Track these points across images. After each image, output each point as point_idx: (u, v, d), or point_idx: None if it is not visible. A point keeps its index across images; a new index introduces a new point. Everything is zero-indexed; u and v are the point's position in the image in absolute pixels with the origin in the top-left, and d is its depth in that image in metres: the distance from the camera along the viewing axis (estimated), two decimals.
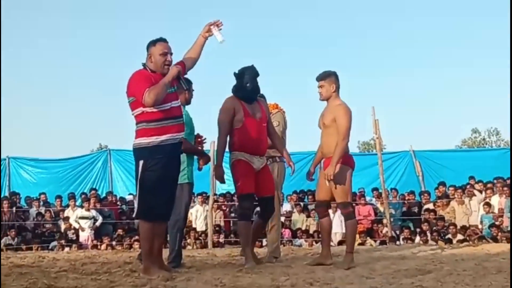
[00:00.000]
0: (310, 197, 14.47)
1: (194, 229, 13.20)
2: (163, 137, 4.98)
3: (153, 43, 5.15)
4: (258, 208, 6.73)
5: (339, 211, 12.98)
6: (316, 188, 6.31)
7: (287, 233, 12.94)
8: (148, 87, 4.86)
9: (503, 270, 4.92)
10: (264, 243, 10.13)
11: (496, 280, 4.40)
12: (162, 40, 5.14)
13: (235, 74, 5.94)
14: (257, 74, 6.00)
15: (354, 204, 13.52)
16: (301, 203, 14.18)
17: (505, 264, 5.47)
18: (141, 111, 5.00)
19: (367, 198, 14.34)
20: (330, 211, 12.92)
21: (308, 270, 5.30)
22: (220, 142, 5.89)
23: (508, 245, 8.24)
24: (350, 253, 5.77)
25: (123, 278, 4.95)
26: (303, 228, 13.36)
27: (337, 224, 13.04)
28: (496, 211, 12.55)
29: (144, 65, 5.17)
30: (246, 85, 5.87)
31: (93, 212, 13.49)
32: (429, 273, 4.88)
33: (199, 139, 6.21)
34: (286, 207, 14.13)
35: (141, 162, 5.01)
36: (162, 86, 4.90)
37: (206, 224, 12.83)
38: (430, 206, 13.48)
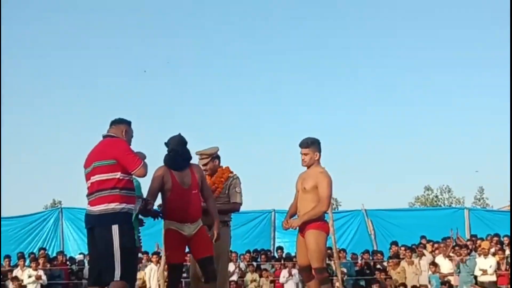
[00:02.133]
0: (263, 256, 14.52)
1: None
2: (130, 206, 5.24)
3: (129, 123, 5.56)
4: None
5: (293, 270, 13.10)
6: (296, 253, 6.63)
7: None
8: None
9: None
10: None
11: None
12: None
13: (165, 143, 6.06)
14: (183, 142, 6.05)
15: None
16: (254, 263, 14.16)
17: None
18: (116, 176, 5.17)
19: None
20: (286, 270, 13.14)
21: None
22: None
23: None
24: None
25: None
26: None
27: (291, 282, 13.12)
28: (445, 271, 12.76)
29: (113, 136, 5.42)
30: (170, 153, 5.98)
31: (41, 272, 13.25)
32: None
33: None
34: (241, 266, 14.11)
35: (115, 227, 5.09)
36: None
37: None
38: (382, 265, 13.63)
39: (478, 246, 13.32)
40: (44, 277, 13.26)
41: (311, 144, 6.19)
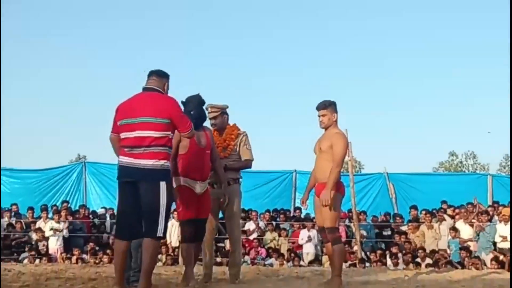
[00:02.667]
0: (282, 216, 14.57)
1: (166, 244, 13.18)
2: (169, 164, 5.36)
3: (169, 76, 5.58)
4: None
5: (312, 231, 13.14)
6: (315, 214, 6.74)
7: (263, 252, 13.00)
8: None
9: None
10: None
11: None
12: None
13: (182, 102, 6.04)
14: (202, 102, 6.19)
15: None
16: (273, 222, 14.23)
17: None
18: (168, 135, 5.26)
19: None
20: (305, 230, 13.19)
21: None
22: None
23: (472, 273, 8.38)
24: (338, 276, 6.09)
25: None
26: (274, 247, 13.39)
27: (309, 244, 13.16)
28: (465, 236, 12.72)
29: (159, 90, 5.45)
30: (190, 113, 5.97)
31: (63, 224, 13.45)
32: None
33: None
34: (260, 225, 14.18)
35: (163, 184, 5.21)
36: None
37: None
38: (402, 229, 13.61)
39: (499, 212, 13.20)
40: (65, 230, 13.48)
41: (328, 106, 6.23)
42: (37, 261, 12.16)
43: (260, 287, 5.99)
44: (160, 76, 5.50)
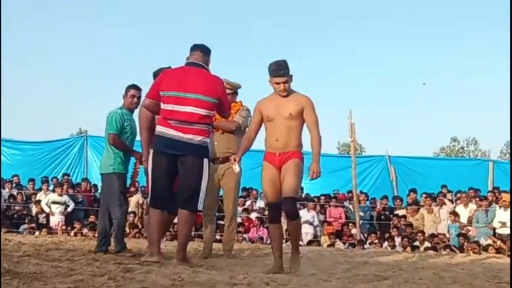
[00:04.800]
0: None
1: None
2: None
3: (210, 52, 5.70)
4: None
5: (312, 212, 13.16)
6: (263, 187, 5.52)
7: (264, 232, 13.01)
8: None
9: (458, 281, 5.01)
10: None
11: None
12: None
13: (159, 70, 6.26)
14: None
15: (327, 206, 13.69)
16: None
17: (462, 275, 5.57)
18: (213, 114, 5.66)
19: None
20: (304, 210, 13.19)
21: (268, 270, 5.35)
22: None
23: (471, 257, 8.40)
24: (299, 252, 5.64)
25: (84, 266, 4.97)
26: None
27: (308, 224, 13.19)
28: (464, 221, 12.75)
29: (206, 68, 5.62)
30: None
31: (65, 198, 13.48)
32: (386, 280, 4.95)
33: None
34: (260, 204, 14.21)
35: (206, 160, 5.49)
36: None
37: None
38: (400, 212, 13.64)
39: (500, 198, 13.21)
40: (71, 203, 13.52)
41: (287, 70, 5.41)
42: (37, 233, 12.19)
43: (260, 263, 5.99)
44: (204, 52, 5.61)
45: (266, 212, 13.65)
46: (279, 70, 5.38)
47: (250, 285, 4.28)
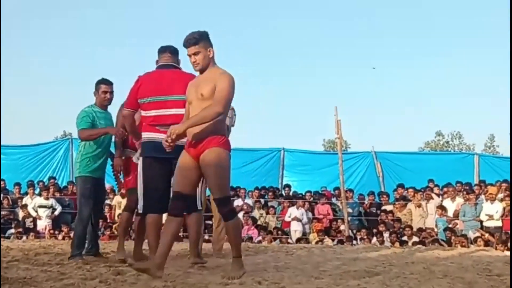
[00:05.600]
0: (270, 194, 14.62)
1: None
2: None
3: (178, 52, 5.64)
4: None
5: (301, 210, 13.17)
6: (175, 175, 4.89)
7: (255, 232, 13.00)
8: None
9: (449, 275, 5.03)
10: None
11: (440, 284, 4.50)
12: None
13: None
14: None
15: (314, 203, 13.72)
16: (261, 200, 14.28)
17: (452, 268, 5.59)
18: None
19: None
20: (293, 208, 13.21)
21: (259, 269, 5.35)
22: None
23: (459, 250, 8.44)
24: (239, 257, 4.86)
25: (74, 270, 4.96)
26: (262, 225, 13.45)
27: (297, 222, 13.21)
28: (450, 214, 12.83)
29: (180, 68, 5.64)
30: None
31: (52, 201, 13.40)
32: (377, 275, 4.96)
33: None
34: (247, 201, 14.23)
35: None
36: None
37: None
38: (388, 207, 13.69)
39: (486, 191, 13.31)
40: (58, 206, 13.45)
41: (200, 39, 4.75)
42: (24, 237, 12.11)
43: (250, 262, 5.97)
44: (173, 53, 5.60)
45: (256, 211, 13.77)
46: (189, 39, 4.73)
47: (242, 284, 4.29)
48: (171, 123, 5.13)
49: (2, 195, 14.22)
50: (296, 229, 13.14)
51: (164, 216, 5.42)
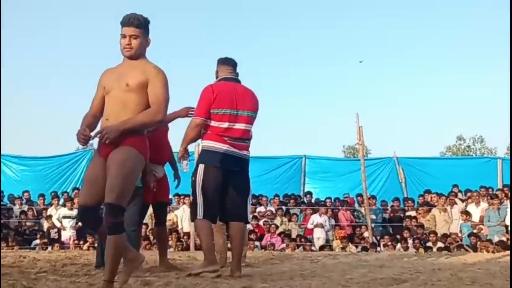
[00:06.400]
0: (292, 201, 14.60)
1: (177, 230, 13.22)
2: None
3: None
4: None
5: (323, 217, 13.13)
6: (83, 185, 4.26)
7: (278, 239, 12.98)
8: None
9: (477, 281, 4.99)
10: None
11: None
12: None
13: None
14: None
15: (337, 210, 13.67)
16: (283, 207, 14.27)
17: (480, 275, 5.55)
18: None
19: None
20: (316, 215, 13.18)
21: (285, 277, 5.35)
22: None
23: (485, 255, 8.36)
24: (110, 282, 4.08)
25: (102, 281, 4.98)
26: (284, 232, 13.43)
27: (320, 229, 13.17)
28: (476, 219, 12.72)
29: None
30: None
31: (76, 212, 13.48)
32: (404, 283, 4.93)
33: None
34: (268, 208, 14.24)
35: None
36: None
37: None
38: (412, 213, 13.61)
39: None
40: None
41: (144, 24, 4.26)
42: (49, 248, 12.22)
43: (276, 271, 5.98)
44: (235, 66, 5.74)
45: (277, 220, 13.75)
46: (133, 19, 4.20)
47: None
48: (239, 137, 5.44)
49: (27, 206, 14.36)
50: (319, 237, 13.09)
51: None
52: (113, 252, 4.00)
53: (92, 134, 4.11)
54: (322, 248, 12.42)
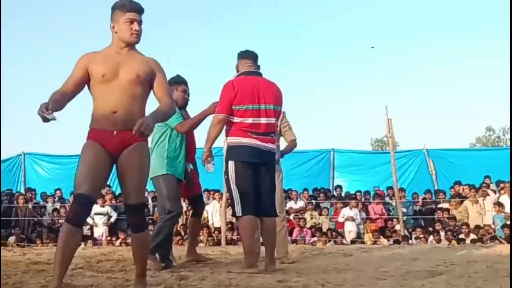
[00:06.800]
0: (322, 195, 14.59)
1: (208, 225, 13.28)
2: None
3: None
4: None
5: (354, 210, 13.09)
6: (79, 173, 3.89)
7: (308, 233, 12.98)
8: None
9: None
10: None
11: (506, 283, 4.42)
12: None
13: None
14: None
15: (368, 203, 13.63)
16: (313, 201, 14.25)
17: None
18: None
19: None
20: (347, 208, 13.14)
21: (319, 271, 5.35)
22: None
23: None
24: (143, 277, 4.21)
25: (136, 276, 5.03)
26: (315, 226, 13.42)
27: (351, 222, 13.14)
28: (508, 211, 12.57)
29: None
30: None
31: (108, 209, 13.64)
32: (440, 275, 4.90)
33: None
34: (300, 204, 14.24)
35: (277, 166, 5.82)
36: None
37: None
38: (444, 205, 13.50)
39: None
40: (114, 213, 13.69)
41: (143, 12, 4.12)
42: (82, 245, 12.35)
43: (310, 265, 5.98)
44: (256, 58, 5.68)
45: (307, 214, 13.73)
46: (137, 5, 4.06)
47: (305, 286, 4.28)
48: (263, 131, 5.40)
49: (59, 204, 14.55)
50: (350, 230, 13.07)
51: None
52: (146, 247, 4.15)
53: (134, 130, 3.71)
54: (353, 241, 12.39)
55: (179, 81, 6.11)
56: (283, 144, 6.76)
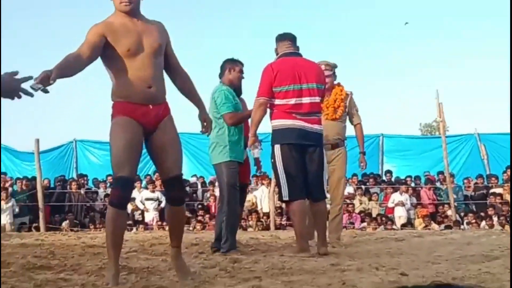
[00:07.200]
0: (371, 180, 14.48)
1: (256, 211, 13.34)
2: None
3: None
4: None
5: (404, 195, 12.97)
6: (121, 153, 3.73)
7: (358, 218, 12.92)
8: None
9: None
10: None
11: None
12: None
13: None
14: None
15: (419, 188, 13.47)
16: (363, 186, 14.17)
17: None
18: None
19: None
20: (397, 193, 13.01)
21: (372, 255, 5.33)
22: None
23: None
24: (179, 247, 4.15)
25: (192, 259, 5.11)
26: (364, 212, 13.35)
27: (401, 207, 13.03)
28: None
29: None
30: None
31: (158, 194, 13.81)
32: (496, 259, 4.81)
33: None
34: (349, 189, 14.15)
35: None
36: None
37: None
38: (497, 190, 13.26)
39: None
40: (164, 199, 13.85)
41: None
42: (134, 229, 12.57)
43: (362, 249, 5.96)
44: (293, 39, 5.61)
45: (356, 200, 13.65)
46: None
47: (359, 270, 4.26)
48: (307, 111, 5.33)
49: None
50: (400, 215, 12.95)
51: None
52: (185, 219, 4.29)
53: (206, 130, 4.19)
54: (403, 226, 12.28)
55: (236, 62, 6.07)
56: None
